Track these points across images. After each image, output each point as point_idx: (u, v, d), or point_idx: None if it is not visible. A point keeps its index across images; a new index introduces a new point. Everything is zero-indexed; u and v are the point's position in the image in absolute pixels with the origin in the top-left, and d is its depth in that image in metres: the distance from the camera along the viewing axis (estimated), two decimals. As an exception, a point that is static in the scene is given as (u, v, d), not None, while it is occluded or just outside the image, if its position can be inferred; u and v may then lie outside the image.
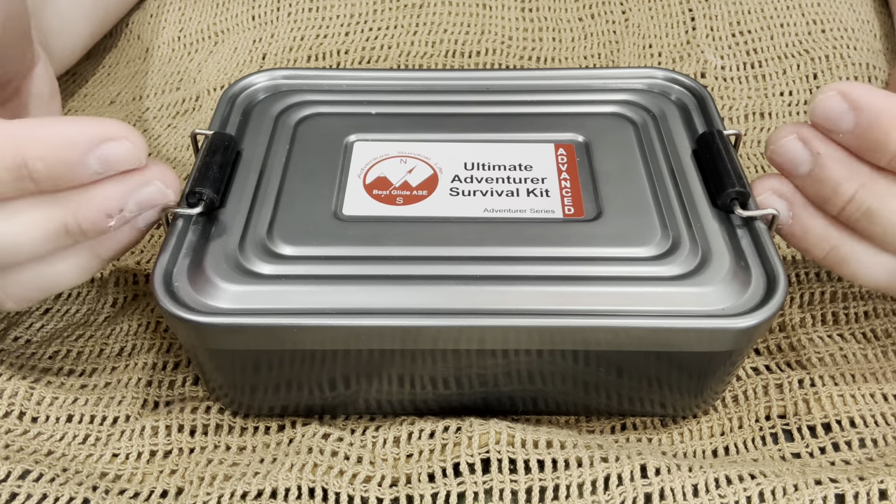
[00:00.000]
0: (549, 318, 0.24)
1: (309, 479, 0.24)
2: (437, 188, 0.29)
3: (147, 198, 0.25)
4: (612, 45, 0.45)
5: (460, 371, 0.26)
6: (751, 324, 0.24)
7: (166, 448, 0.27)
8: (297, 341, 0.24)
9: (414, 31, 0.44)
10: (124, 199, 0.24)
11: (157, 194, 0.25)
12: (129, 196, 0.24)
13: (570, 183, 0.29)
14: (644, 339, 0.24)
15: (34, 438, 0.27)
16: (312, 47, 0.44)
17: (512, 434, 0.25)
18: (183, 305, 0.24)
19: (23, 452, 0.26)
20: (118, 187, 0.24)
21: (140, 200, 0.25)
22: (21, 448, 0.27)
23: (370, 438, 0.26)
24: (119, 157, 0.23)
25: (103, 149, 0.23)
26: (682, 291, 0.25)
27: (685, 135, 0.31)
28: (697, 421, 0.28)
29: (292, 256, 0.26)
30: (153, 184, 0.25)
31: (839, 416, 0.27)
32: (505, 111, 0.33)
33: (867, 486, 0.23)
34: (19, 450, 0.27)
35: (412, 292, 0.24)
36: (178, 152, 0.42)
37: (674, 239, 0.26)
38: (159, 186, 0.25)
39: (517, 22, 0.45)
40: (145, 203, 0.25)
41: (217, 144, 0.29)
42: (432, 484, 0.24)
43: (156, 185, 0.25)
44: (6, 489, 0.24)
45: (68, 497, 0.24)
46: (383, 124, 0.32)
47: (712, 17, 0.45)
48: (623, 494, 0.24)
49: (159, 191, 0.25)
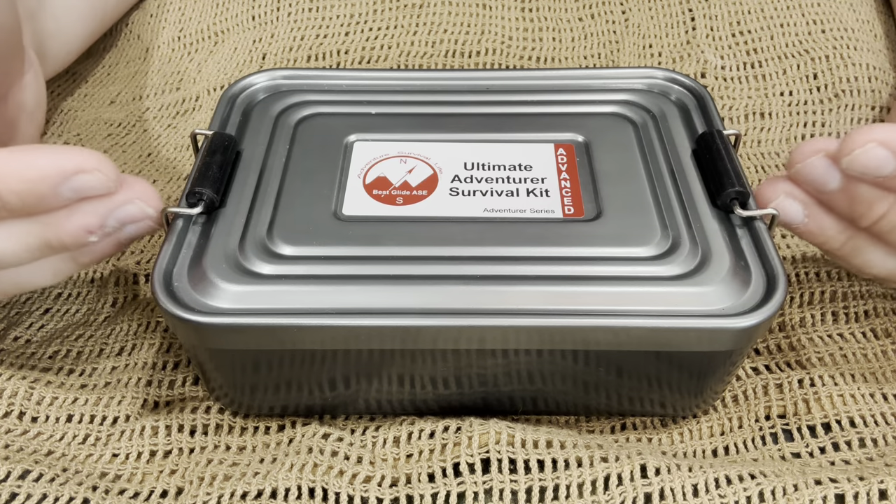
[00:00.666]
0: (549, 317, 0.24)
1: (309, 479, 0.24)
2: (436, 188, 0.29)
3: (127, 214, 0.25)
4: (612, 45, 0.45)
5: (460, 371, 0.26)
6: (751, 323, 0.24)
7: (166, 448, 0.27)
8: (296, 341, 0.24)
9: (414, 31, 0.44)
10: (104, 217, 0.25)
11: (136, 212, 0.25)
12: (109, 214, 0.25)
13: (570, 183, 0.29)
14: (644, 339, 0.24)
15: (34, 438, 0.27)
16: (312, 47, 0.44)
17: (512, 434, 0.25)
18: (183, 305, 0.24)
19: (23, 452, 0.26)
20: (98, 206, 0.25)
21: (120, 217, 0.25)
22: (21, 448, 0.27)
23: (370, 438, 0.26)
24: (91, 187, 0.24)
25: (75, 181, 0.24)
26: (682, 291, 0.25)
27: (685, 135, 0.31)
28: (697, 421, 0.28)
29: (292, 256, 0.26)
30: (133, 202, 0.25)
31: (839, 415, 0.27)
32: (505, 111, 0.33)
33: (867, 486, 0.23)
34: (19, 450, 0.27)
35: (412, 292, 0.24)
36: (178, 152, 0.42)
37: (673, 239, 0.26)
38: (139, 205, 0.25)
39: (517, 22, 0.45)
40: (126, 219, 0.25)
41: (217, 144, 0.29)
42: (432, 484, 0.24)
43: (136, 204, 0.25)
44: (6, 489, 0.24)
45: (68, 497, 0.24)
46: (383, 124, 0.32)
47: (712, 17, 0.45)
48: (623, 494, 0.24)
49: (139, 209, 0.25)
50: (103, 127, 0.44)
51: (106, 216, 0.25)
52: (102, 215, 0.25)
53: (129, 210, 0.25)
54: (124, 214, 0.25)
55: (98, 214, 0.25)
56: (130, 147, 0.43)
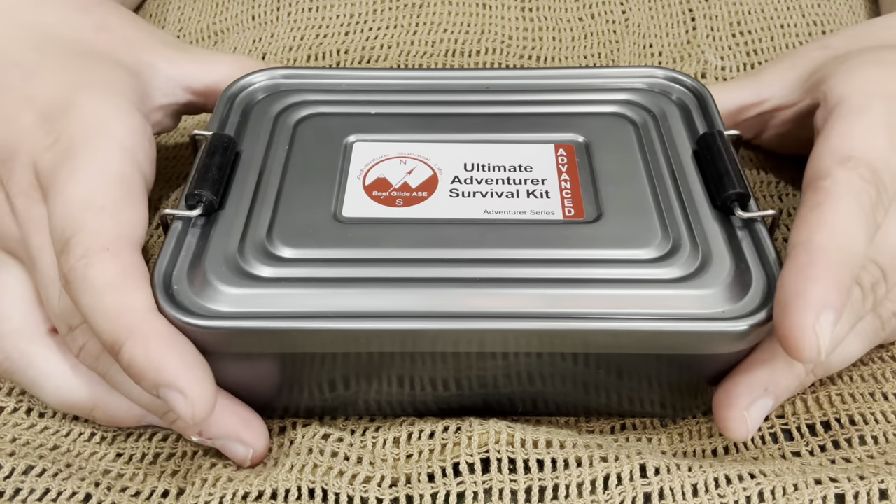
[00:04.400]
0: (549, 321, 0.24)
1: (309, 480, 0.24)
2: (436, 189, 0.29)
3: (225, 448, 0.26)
4: (612, 45, 0.45)
5: (460, 373, 0.26)
6: (751, 326, 0.24)
7: (171, 451, 0.27)
8: (296, 344, 0.24)
9: (414, 30, 0.44)
10: None
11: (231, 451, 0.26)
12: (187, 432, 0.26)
13: (571, 184, 0.29)
14: (644, 342, 0.24)
15: (41, 433, 0.28)
16: (312, 47, 0.44)
17: (511, 434, 0.25)
18: (182, 309, 0.24)
19: (29, 447, 0.27)
20: None
21: None
22: (27, 442, 0.27)
23: (370, 439, 0.26)
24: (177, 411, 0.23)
25: (166, 394, 0.23)
26: (683, 294, 0.25)
27: (686, 135, 0.31)
28: (697, 421, 0.28)
29: (292, 259, 0.26)
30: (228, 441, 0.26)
31: (838, 414, 0.27)
32: (505, 111, 0.33)
33: (867, 486, 0.23)
34: (26, 443, 0.27)
35: (412, 295, 0.24)
36: (178, 152, 0.42)
37: (674, 241, 0.26)
38: (235, 447, 0.26)
39: (517, 22, 0.45)
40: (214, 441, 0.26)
41: (216, 145, 0.29)
42: (432, 484, 0.24)
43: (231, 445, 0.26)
44: (10, 484, 0.25)
45: (71, 492, 0.25)
46: (383, 124, 0.32)
47: (712, 17, 0.45)
48: (623, 494, 0.24)
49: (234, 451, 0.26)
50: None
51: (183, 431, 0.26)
52: None
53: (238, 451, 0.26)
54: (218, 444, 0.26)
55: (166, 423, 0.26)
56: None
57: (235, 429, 0.25)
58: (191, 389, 0.23)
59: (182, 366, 0.23)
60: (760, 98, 0.34)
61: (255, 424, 0.26)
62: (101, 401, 0.27)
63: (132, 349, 0.23)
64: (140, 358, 0.23)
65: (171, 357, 0.23)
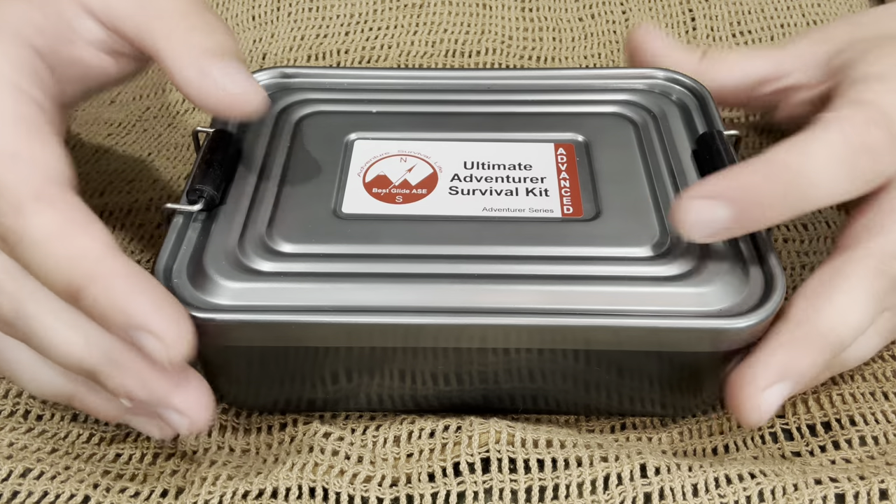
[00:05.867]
0: (548, 317, 0.24)
1: (309, 479, 0.24)
2: (436, 187, 0.29)
3: (170, 420, 0.24)
4: (612, 45, 0.45)
5: (460, 368, 0.26)
6: (749, 324, 0.24)
7: (170, 451, 0.27)
8: (296, 338, 0.24)
9: (414, 30, 0.44)
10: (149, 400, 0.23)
11: (179, 424, 0.24)
12: (155, 402, 0.23)
13: (570, 183, 0.29)
14: (643, 339, 0.24)
15: (38, 436, 0.27)
16: (312, 47, 0.44)
17: (512, 433, 0.25)
18: (182, 302, 0.24)
19: (26, 451, 0.26)
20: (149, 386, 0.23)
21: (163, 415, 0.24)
22: (25, 446, 0.27)
23: (370, 438, 0.26)
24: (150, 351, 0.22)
25: (139, 336, 0.22)
26: (681, 291, 0.25)
27: (685, 135, 0.31)
28: (697, 420, 0.28)
29: (292, 254, 0.26)
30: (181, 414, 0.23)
31: (839, 414, 0.27)
32: (505, 111, 0.33)
33: (867, 486, 0.23)
34: (23, 447, 0.27)
35: (410, 290, 0.24)
36: (179, 151, 0.42)
37: (672, 239, 0.26)
38: (182, 421, 0.24)
39: (517, 22, 0.45)
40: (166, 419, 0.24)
41: (218, 142, 0.29)
42: (432, 483, 0.24)
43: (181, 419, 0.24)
44: (7, 487, 0.25)
45: (69, 494, 0.24)
46: (383, 123, 0.32)
47: (712, 17, 0.45)
48: (623, 494, 0.24)
49: (180, 423, 0.24)
50: (103, 126, 0.44)
51: (151, 401, 0.23)
52: (147, 397, 0.23)
53: (173, 418, 0.23)
54: (167, 417, 0.23)
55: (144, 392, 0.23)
56: (131, 147, 0.43)
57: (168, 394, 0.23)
58: (165, 329, 0.21)
59: (151, 305, 0.21)
60: (781, 72, 0.32)
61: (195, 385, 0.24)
62: (79, 391, 0.25)
63: (95, 293, 0.21)
64: (103, 300, 0.21)
65: (139, 297, 0.21)
